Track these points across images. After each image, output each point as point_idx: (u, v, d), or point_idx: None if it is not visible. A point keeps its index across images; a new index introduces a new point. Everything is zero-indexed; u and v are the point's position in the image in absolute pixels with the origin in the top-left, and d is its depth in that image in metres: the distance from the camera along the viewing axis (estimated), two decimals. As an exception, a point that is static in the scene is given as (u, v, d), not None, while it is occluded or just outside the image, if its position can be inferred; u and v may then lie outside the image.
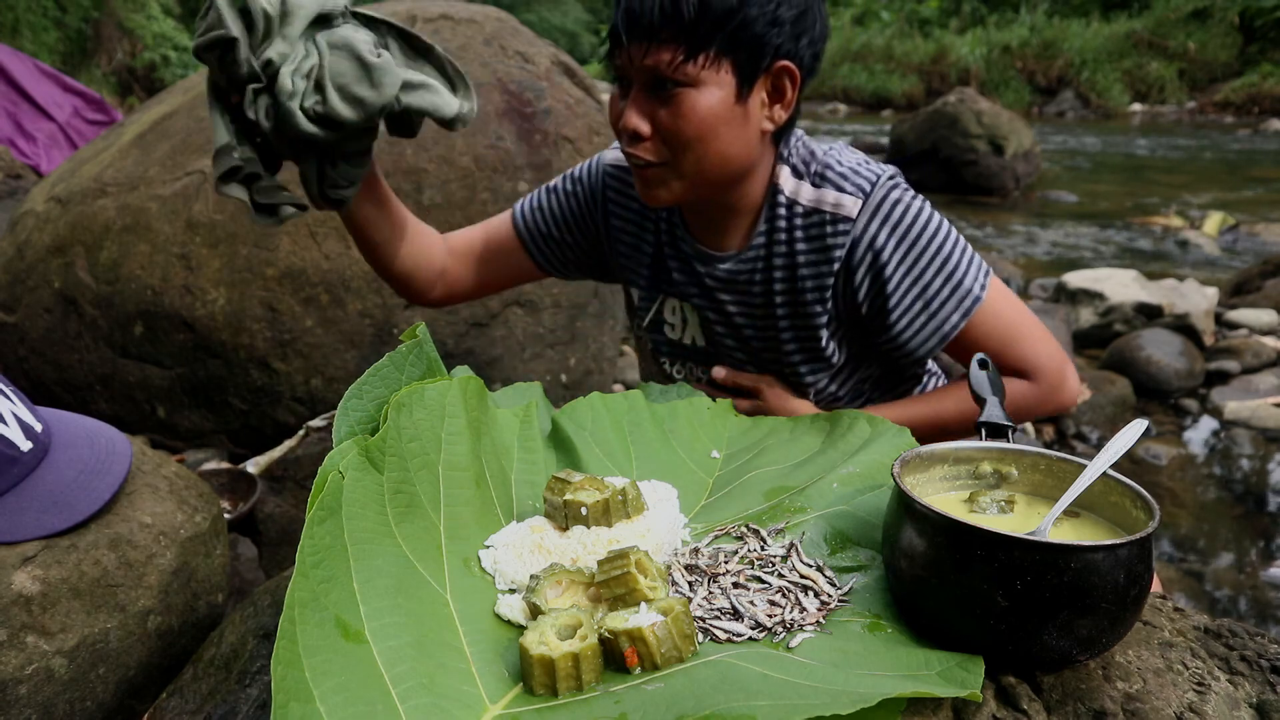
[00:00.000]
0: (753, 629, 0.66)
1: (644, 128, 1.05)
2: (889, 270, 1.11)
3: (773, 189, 1.16)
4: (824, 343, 1.18)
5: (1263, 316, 3.82)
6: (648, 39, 1.00)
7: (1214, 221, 6.15)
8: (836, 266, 1.12)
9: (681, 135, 1.04)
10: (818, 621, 0.67)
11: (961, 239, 1.14)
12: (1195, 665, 0.66)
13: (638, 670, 0.60)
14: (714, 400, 1.08)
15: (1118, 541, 0.60)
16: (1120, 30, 15.86)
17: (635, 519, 0.75)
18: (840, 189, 1.11)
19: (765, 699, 0.55)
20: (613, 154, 1.29)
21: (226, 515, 1.92)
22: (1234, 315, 3.88)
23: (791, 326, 1.19)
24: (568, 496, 0.74)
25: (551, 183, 1.34)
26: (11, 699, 0.79)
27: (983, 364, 0.96)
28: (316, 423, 2.21)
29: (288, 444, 2.20)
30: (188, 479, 1.07)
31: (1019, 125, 7.52)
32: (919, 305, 1.12)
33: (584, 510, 0.73)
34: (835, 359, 1.20)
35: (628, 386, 2.87)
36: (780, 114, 1.08)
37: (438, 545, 0.68)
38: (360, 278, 2.26)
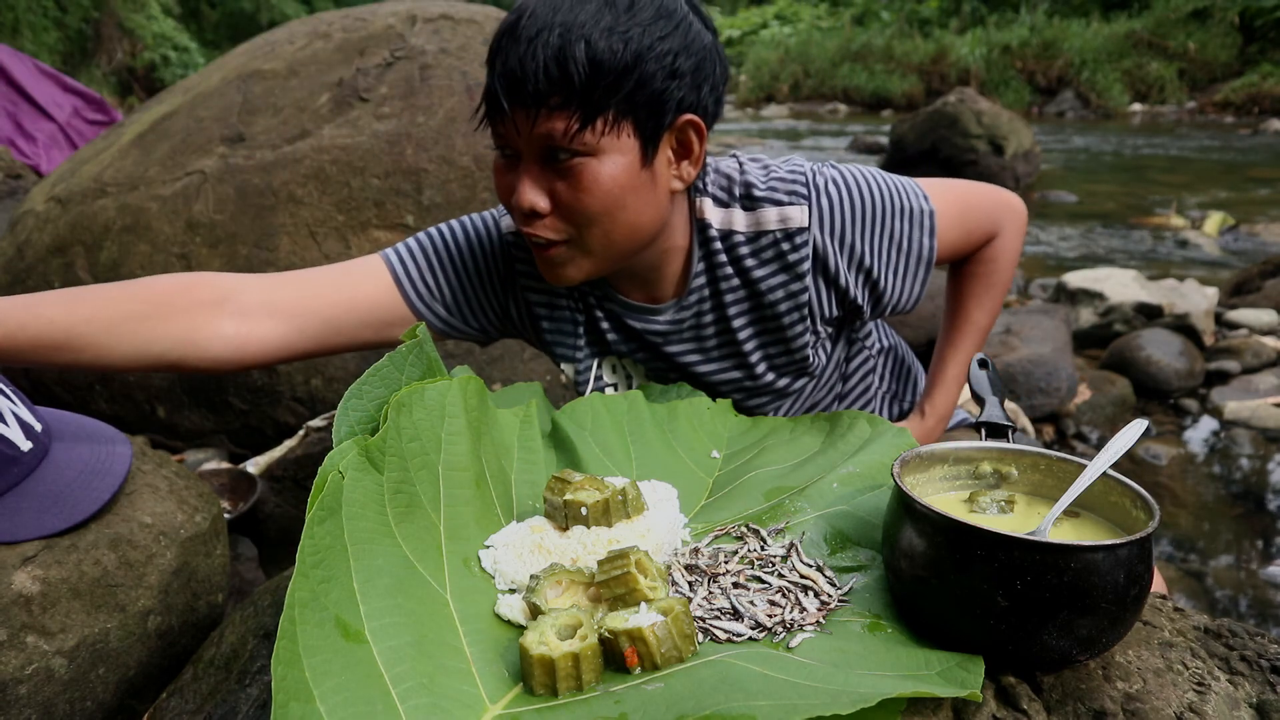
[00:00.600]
0: (753, 629, 0.66)
1: (542, 204, 0.94)
2: (859, 248, 1.08)
3: (699, 226, 1.08)
4: (811, 358, 1.16)
5: (1263, 316, 3.82)
6: (535, 106, 0.89)
7: (1214, 221, 6.15)
8: (807, 280, 1.08)
9: (586, 210, 0.94)
10: (818, 621, 0.67)
11: (882, 171, 1.12)
12: (1195, 665, 0.66)
13: (638, 670, 0.60)
14: (714, 400, 1.08)
15: (1118, 541, 0.60)
16: (1120, 30, 15.85)
17: (635, 519, 0.75)
18: (778, 203, 1.05)
19: (765, 699, 0.55)
20: (508, 221, 1.14)
21: (226, 515, 1.92)
22: (1234, 315, 3.87)
23: (766, 356, 1.15)
24: (568, 496, 0.74)
25: (431, 252, 1.13)
26: (11, 699, 0.79)
27: (983, 364, 0.96)
28: (316, 423, 2.21)
29: (288, 444, 2.20)
30: (188, 479, 1.07)
31: (1019, 125, 7.51)
32: (895, 254, 1.10)
33: (584, 510, 0.73)
34: (817, 366, 1.19)
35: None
36: (689, 171, 1.00)
37: (438, 545, 0.68)
38: (360, 278, 2.26)
